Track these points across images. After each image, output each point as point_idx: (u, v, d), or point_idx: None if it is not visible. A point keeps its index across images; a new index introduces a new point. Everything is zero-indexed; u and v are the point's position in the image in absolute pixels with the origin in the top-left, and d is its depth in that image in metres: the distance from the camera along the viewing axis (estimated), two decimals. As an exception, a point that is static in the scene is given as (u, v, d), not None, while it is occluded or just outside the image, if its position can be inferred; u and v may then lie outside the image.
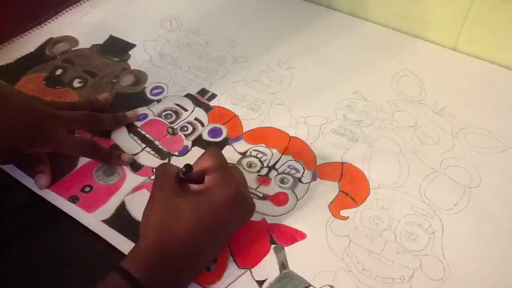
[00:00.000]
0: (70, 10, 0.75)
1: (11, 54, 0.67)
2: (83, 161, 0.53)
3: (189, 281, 0.42)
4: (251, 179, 0.51)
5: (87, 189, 0.50)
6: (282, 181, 0.51)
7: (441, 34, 0.66)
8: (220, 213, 0.40)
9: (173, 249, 0.38)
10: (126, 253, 0.44)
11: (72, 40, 0.69)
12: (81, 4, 0.76)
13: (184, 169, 0.41)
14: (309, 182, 0.50)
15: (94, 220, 0.47)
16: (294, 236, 0.46)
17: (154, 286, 0.37)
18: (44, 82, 0.62)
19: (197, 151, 0.54)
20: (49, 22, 0.72)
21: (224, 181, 0.41)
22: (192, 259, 0.40)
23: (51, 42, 0.69)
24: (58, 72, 0.64)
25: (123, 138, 0.55)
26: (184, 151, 0.54)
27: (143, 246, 0.38)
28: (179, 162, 0.52)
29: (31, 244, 0.47)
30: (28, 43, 0.69)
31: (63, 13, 0.74)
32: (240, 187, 0.41)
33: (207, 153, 0.43)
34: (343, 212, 0.48)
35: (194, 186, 0.41)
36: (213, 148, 0.44)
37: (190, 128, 0.56)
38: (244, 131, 0.56)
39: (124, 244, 0.45)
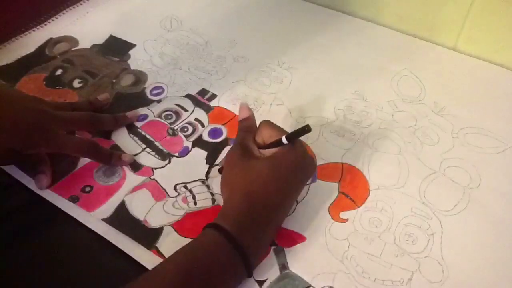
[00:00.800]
0: (70, 10, 0.75)
1: (11, 54, 0.67)
2: (83, 161, 0.53)
3: (272, 236, 0.45)
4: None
5: (87, 189, 0.51)
6: (282, 182, 0.51)
7: (441, 34, 0.66)
8: (293, 165, 0.44)
9: (258, 205, 0.42)
10: (126, 251, 0.45)
11: (72, 40, 0.69)
12: (81, 4, 0.76)
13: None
14: (309, 184, 0.50)
15: (94, 219, 0.48)
16: (294, 238, 0.46)
17: (245, 239, 0.40)
18: (44, 82, 0.62)
19: (197, 152, 0.54)
20: (49, 22, 0.72)
21: (290, 147, 0.45)
22: (273, 214, 0.43)
23: (51, 42, 0.69)
24: (58, 72, 0.64)
25: (123, 139, 0.56)
26: (185, 152, 0.54)
27: (232, 203, 0.42)
28: (179, 163, 0.53)
29: (31, 244, 0.47)
30: (28, 43, 0.69)
31: (63, 13, 0.74)
32: (302, 149, 0.45)
33: (262, 125, 0.48)
34: (343, 214, 0.48)
35: (265, 151, 0.46)
36: (265, 120, 0.48)
37: (190, 129, 0.56)
38: (244, 132, 0.56)
39: (123, 243, 0.46)
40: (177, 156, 0.54)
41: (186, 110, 0.59)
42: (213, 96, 0.61)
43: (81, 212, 0.48)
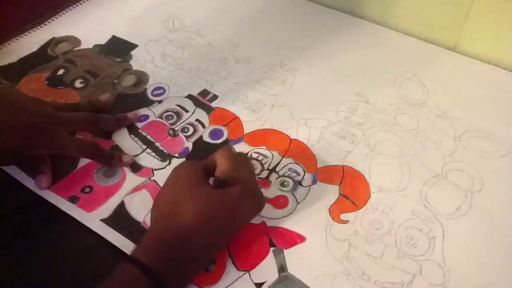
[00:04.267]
0: (72, 9, 0.75)
1: (13, 53, 0.67)
2: (83, 162, 0.53)
3: (197, 272, 0.42)
4: (251, 182, 0.51)
5: (87, 189, 0.50)
6: (282, 184, 0.50)
7: (441, 34, 0.66)
8: (231, 206, 0.41)
9: (184, 238, 0.39)
10: (125, 251, 0.44)
11: (74, 40, 0.69)
12: (82, 3, 0.76)
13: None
14: (310, 185, 0.50)
15: (93, 219, 0.47)
16: (294, 239, 0.46)
17: (166, 273, 0.37)
18: (46, 82, 0.62)
19: (197, 153, 0.54)
20: (49, 22, 0.72)
21: (236, 180, 0.42)
22: (202, 249, 0.40)
23: (53, 42, 0.69)
24: (60, 72, 0.64)
25: (123, 139, 0.55)
26: (185, 153, 0.54)
27: (153, 235, 0.39)
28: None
29: (31, 244, 0.47)
30: (30, 42, 0.69)
31: (65, 12, 0.74)
32: (249, 184, 0.43)
33: (221, 152, 0.45)
34: (343, 216, 0.47)
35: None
36: (226, 146, 0.47)
37: (191, 130, 0.56)
38: (245, 133, 0.56)
39: (123, 243, 0.45)
40: (177, 157, 0.54)
41: (187, 111, 0.58)
42: (215, 97, 0.60)
43: (81, 212, 0.48)
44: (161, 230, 0.39)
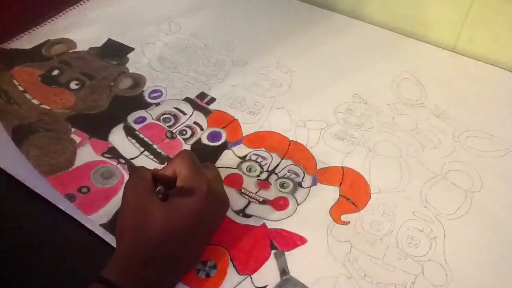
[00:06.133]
0: (68, 12, 0.74)
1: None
2: (79, 161, 0.52)
3: (174, 282, 0.42)
4: (250, 184, 0.50)
5: (84, 190, 0.50)
6: (282, 185, 0.50)
7: (441, 34, 0.66)
8: (191, 216, 0.40)
9: (149, 253, 0.38)
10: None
11: (70, 43, 0.68)
12: (78, 6, 0.75)
13: (158, 190, 0.41)
14: (310, 187, 0.50)
15: (92, 223, 0.47)
16: (295, 241, 0.45)
17: None
18: (39, 78, 0.62)
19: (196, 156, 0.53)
20: (45, 24, 0.72)
21: (194, 183, 0.41)
22: (171, 261, 0.40)
23: (48, 43, 0.68)
24: (55, 72, 0.63)
25: (121, 141, 0.55)
26: (183, 155, 0.53)
27: (120, 252, 0.39)
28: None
29: (31, 244, 0.46)
30: (25, 45, 0.68)
31: (61, 15, 0.73)
32: (209, 185, 0.41)
33: (178, 156, 0.44)
34: (344, 217, 0.47)
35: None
36: (185, 150, 0.46)
37: (189, 132, 0.56)
38: (243, 135, 0.55)
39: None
40: (175, 159, 0.53)
41: (184, 114, 0.58)
42: (212, 99, 0.60)
43: (80, 215, 0.48)
44: (127, 249, 0.39)
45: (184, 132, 0.56)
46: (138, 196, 0.40)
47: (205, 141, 0.55)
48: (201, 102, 0.60)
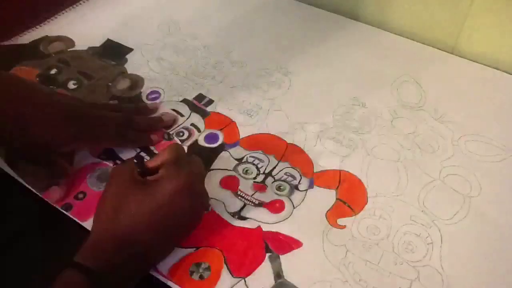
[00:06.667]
0: (67, 11, 0.74)
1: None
2: (76, 164, 0.52)
3: (146, 269, 0.42)
4: (247, 186, 0.50)
5: (80, 196, 0.49)
6: (278, 188, 0.50)
7: (440, 34, 0.66)
8: (166, 205, 0.40)
9: (121, 238, 0.39)
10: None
11: (68, 41, 0.68)
12: (78, 5, 0.75)
13: (136, 161, 0.42)
14: (306, 190, 0.50)
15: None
16: (290, 244, 0.45)
17: (110, 273, 0.37)
18: (37, 78, 0.62)
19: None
20: (44, 24, 0.72)
21: (174, 173, 0.42)
22: (143, 247, 0.40)
23: (46, 40, 0.68)
24: (53, 71, 0.63)
25: (118, 143, 0.55)
26: (180, 157, 0.53)
27: (93, 237, 0.40)
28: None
29: (31, 244, 0.46)
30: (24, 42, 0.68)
31: (60, 14, 0.73)
32: (189, 178, 0.42)
33: (166, 148, 0.44)
34: (340, 221, 0.47)
35: (147, 178, 0.42)
36: (174, 143, 0.46)
37: (186, 134, 0.56)
38: (241, 137, 0.55)
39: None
40: (172, 161, 0.53)
41: (182, 115, 0.58)
42: (210, 101, 0.60)
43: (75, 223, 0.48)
44: (100, 237, 0.39)
45: (181, 134, 0.56)
46: (119, 183, 0.42)
47: (202, 142, 0.55)
48: (199, 104, 0.59)
